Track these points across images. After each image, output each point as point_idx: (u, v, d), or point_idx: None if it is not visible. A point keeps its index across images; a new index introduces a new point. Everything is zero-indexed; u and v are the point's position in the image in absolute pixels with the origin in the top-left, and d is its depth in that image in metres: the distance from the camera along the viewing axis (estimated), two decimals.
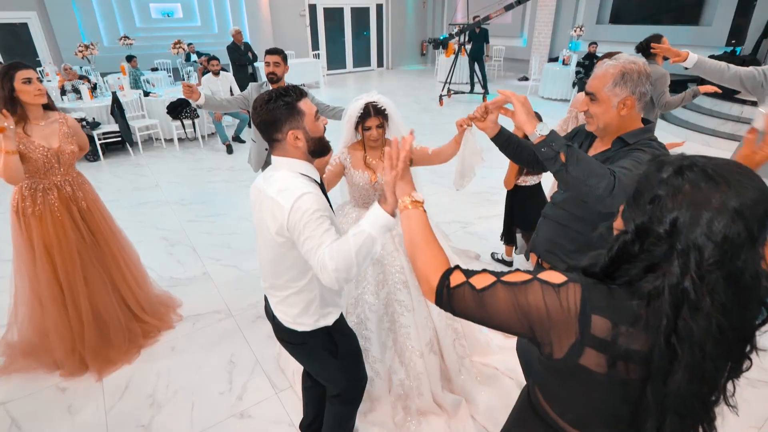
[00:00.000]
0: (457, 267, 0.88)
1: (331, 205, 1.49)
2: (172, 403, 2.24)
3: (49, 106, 2.22)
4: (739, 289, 0.66)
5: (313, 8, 12.86)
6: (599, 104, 1.37)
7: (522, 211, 3.07)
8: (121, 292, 2.57)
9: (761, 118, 1.81)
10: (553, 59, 10.54)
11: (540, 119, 1.32)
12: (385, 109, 1.93)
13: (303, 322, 1.45)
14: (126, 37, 9.32)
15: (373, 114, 1.91)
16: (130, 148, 6.40)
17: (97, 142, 6.06)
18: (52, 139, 2.19)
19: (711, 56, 6.87)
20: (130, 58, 8.21)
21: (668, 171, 0.71)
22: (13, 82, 2.02)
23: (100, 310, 2.44)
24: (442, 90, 9.00)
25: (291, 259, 1.35)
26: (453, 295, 0.84)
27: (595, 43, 8.12)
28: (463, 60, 9.78)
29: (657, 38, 2.86)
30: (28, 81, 2.04)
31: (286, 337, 1.52)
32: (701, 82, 7.18)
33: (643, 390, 0.73)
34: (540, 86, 9.67)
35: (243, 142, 6.67)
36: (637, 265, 0.72)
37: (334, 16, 13.46)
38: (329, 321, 1.48)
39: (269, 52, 3.02)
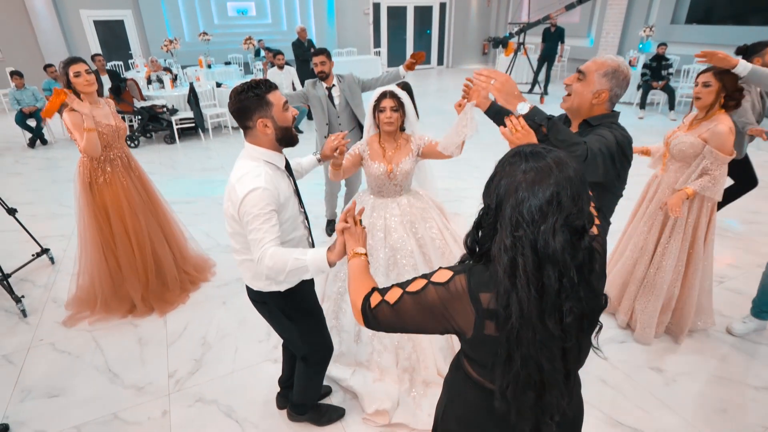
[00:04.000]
0: (374, 289, 1.03)
1: (297, 189, 1.67)
2: (219, 345, 2.63)
3: (99, 93, 2.68)
4: (538, 256, 0.80)
5: (377, 6, 13.24)
6: (584, 84, 1.52)
7: None
8: (170, 245, 3.04)
9: None
10: None
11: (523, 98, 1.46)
12: (400, 97, 2.13)
13: (256, 284, 1.65)
14: (205, 33, 10.18)
15: (388, 96, 2.12)
16: (201, 134, 7.10)
17: (175, 127, 6.78)
18: (109, 118, 2.66)
19: None
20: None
21: (509, 154, 0.86)
22: (68, 76, 2.46)
23: (160, 260, 2.93)
24: None
25: (241, 234, 1.53)
26: (376, 314, 1.00)
27: (665, 44, 7.71)
28: (522, 59, 9.68)
29: (765, 45, 2.77)
30: (77, 74, 2.48)
31: (250, 295, 1.73)
32: None
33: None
34: None
35: (301, 132, 7.13)
36: (488, 236, 0.88)
37: (397, 14, 13.76)
38: (281, 288, 1.65)
39: (314, 54, 3.37)
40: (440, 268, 0.97)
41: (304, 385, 1.95)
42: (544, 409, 0.90)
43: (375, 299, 1.01)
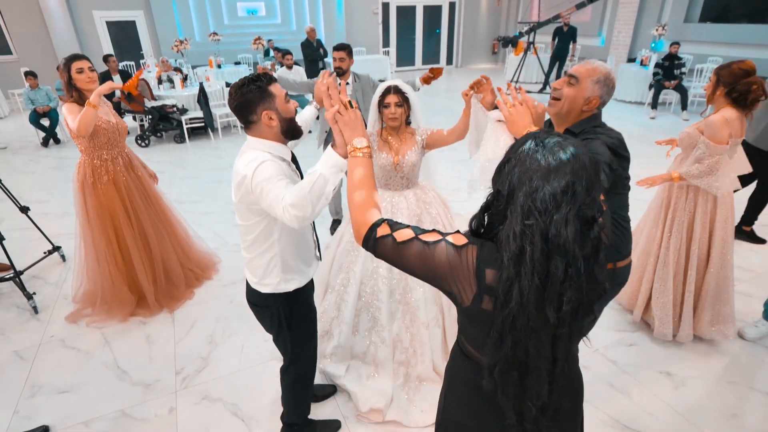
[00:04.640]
0: (385, 220, 1.02)
1: (302, 176, 1.62)
2: (226, 343, 2.65)
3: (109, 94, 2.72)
4: (548, 245, 0.79)
5: (386, 6, 13.23)
6: (576, 89, 1.48)
7: None
8: (172, 242, 3.06)
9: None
10: (631, 60, 9.99)
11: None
12: (405, 93, 2.12)
13: (267, 283, 1.61)
14: (215, 34, 10.26)
15: (392, 92, 2.11)
16: (211, 133, 7.15)
17: (185, 127, 6.85)
18: (110, 116, 2.68)
19: None
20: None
21: (521, 142, 0.85)
22: (70, 72, 2.48)
23: (164, 257, 2.96)
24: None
25: (254, 225, 1.52)
26: (378, 243, 0.98)
27: (677, 43, 7.59)
28: (532, 59, 9.61)
29: None
30: (80, 71, 2.50)
31: (252, 298, 1.70)
32: None
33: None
34: None
35: (309, 132, 7.16)
36: (497, 223, 0.88)
37: (406, 13, 13.74)
38: (290, 287, 1.63)
39: (336, 48, 3.34)
40: (457, 231, 0.96)
41: (290, 399, 1.93)
42: (525, 391, 0.90)
43: (383, 231, 0.98)
